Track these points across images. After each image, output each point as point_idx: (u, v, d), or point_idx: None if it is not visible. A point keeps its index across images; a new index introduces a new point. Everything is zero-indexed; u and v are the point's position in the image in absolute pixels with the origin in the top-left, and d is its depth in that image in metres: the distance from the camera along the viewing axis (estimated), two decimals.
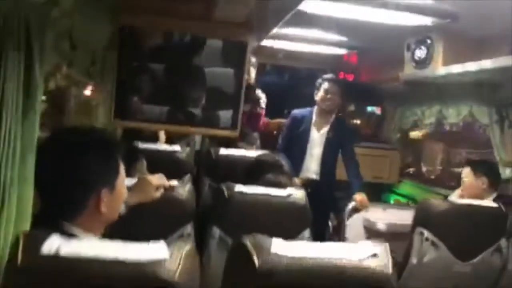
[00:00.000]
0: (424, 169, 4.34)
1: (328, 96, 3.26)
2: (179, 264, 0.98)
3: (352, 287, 1.02)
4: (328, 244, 1.10)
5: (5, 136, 1.06)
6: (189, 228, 1.87)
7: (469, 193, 2.58)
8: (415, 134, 4.23)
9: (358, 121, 4.77)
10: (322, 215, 3.28)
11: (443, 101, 3.51)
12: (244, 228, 1.79)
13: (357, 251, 1.07)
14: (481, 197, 2.44)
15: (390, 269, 1.04)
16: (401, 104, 4.18)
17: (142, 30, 1.98)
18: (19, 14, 1.08)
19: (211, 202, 1.96)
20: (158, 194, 1.65)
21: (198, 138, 3.46)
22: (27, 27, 1.11)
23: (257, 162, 2.08)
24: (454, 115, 3.42)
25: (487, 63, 2.26)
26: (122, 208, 1.54)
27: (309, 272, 1.02)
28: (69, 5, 1.37)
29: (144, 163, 2.13)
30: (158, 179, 1.66)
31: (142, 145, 2.53)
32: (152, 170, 2.17)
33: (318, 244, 1.10)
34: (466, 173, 2.65)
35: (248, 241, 1.07)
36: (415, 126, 4.02)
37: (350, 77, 4.31)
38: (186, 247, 1.03)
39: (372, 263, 1.04)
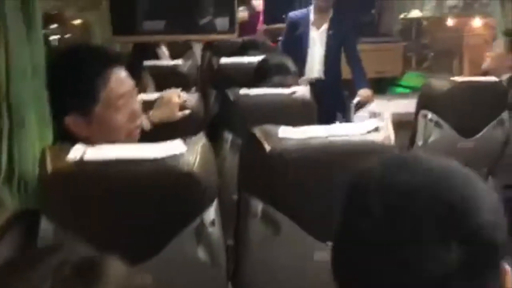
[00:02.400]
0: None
1: None
2: (196, 156, 1.05)
3: (357, 159, 1.09)
4: (333, 125, 1.17)
5: (14, 60, 1.10)
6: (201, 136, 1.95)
7: (496, 65, 2.53)
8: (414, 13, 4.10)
9: None
10: (329, 114, 3.34)
11: None
12: (252, 128, 1.89)
13: (360, 128, 1.13)
14: (504, 72, 2.43)
15: (391, 141, 1.11)
16: None
17: None
18: None
19: (218, 109, 2.01)
20: (180, 113, 1.68)
21: (198, 53, 3.45)
22: None
23: (262, 65, 2.10)
24: None
25: None
26: (146, 124, 1.58)
27: (315, 149, 1.09)
28: None
29: (149, 78, 2.16)
30: (177, 96, 1.68)
31: (146, 62, 2.55)
32: (157, 85, 2.22)
33: (323, 126, 1.16)
34: (500, 43, 2.58)
35: (257, 131, 1.13)
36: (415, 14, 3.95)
37: None
38: (201, 141, 1.11)
39: (375, 136, 1.11)
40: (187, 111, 1.73)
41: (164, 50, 3.08)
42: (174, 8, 2.06)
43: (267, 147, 1.08)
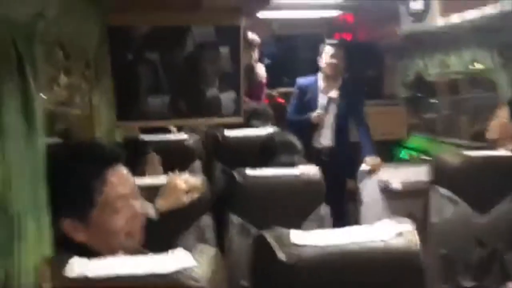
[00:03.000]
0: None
1: (333, 61, 3.22)
2: (207, 270, 0.98)
3: (380, 269, 1.02)
4: (349, 228, 1.10)
5: (11, 166, 1.05)
6: (207, 219, 1.88)
7: (500, 135, 2.48)
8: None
9: None
10: (339, 182, 3.30)
11: (445, 50, 3.44)
12: (261, 212, 1.82)
13: (380, 232, 1.06)
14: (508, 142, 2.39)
15: (417, 246, 1.04)
16: (402, 58, 4.12)
17: (131, 27, 1.94)
18: (4, 36, 1.05)
19: (224, 188, 1.96)
20: (188, 198, 1.64)
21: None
22: (15, 47, 1.08)
23: (269, 143, 2.07)
24: (457, 62, 3.36)
25: (486, 10, 2.20)
26: (152, 214, 1.56)
27: (334, 258, 1.02)
28: (55, 14, 1.33)
29: (155, 155, 2.12)
30: (184, 181, 1.65)
31: (149, 137, 2.51)
32: (163, 159, 2.17)
33: (338, 230, 1.09)
34: (503, 112, 2.54)
35: (268, 235, 1.06)
36: (419, 78, 3.96)
37: (348, 37, 4.24)
38: (210, 251, 1.03)
39: (399, 242, 1.04)
40: (195, 195, 1.68)
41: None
42: (177, 88, 2.04)
43: (281, 256, 1.01)
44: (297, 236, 1.04)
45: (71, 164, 1.14)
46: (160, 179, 1.73)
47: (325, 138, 3.32)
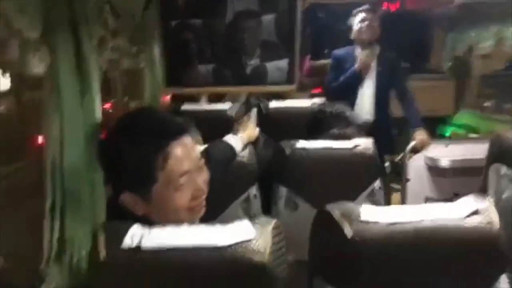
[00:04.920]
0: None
1: (365, 24, 3.06)
2: (268, 244, 0.92)
3: (456, 250, 0.94)
4: (422, 205, 1.02)
5: (67, 126, 1.01)
6: (254, 190, 1.83)
7: None
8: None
9: None
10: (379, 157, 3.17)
11: (501, 21, 3.24)
12: (312, 185, 1.75)
13: (456, 210, 0.97)
14: None
15: (497, 225, 0.95)
16: (452, 29, 3.91)
17: None
18: None
19: (272, 160, 1.88)
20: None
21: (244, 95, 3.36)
22: (69, 6, 1.02)
23: (321, 115, 1.97)
24: None
25: None
26: (238, 146, 1.72)
27: (406, 237, 0.94)
28: None
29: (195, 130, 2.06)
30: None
31: (188, 107, 2.46)
32: (202, 130, 2.12)
33: (409, 206, 1.01)
34: None
35: (334, 210, 0.99)
36: (470, 51, 3.76)
37: (396, 6, 4.05)
38: (272, 224, 0.97)
39: (477, 221, 0.95)
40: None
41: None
42: (226, 57, 1.96)
43: (349, 233, 0.93)
44: (366, 212, 0.97)
45: (132, 136, 1.06)
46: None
47: (364, 112, 3.18)
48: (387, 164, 3.50)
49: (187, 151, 1.08)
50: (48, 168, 1.00)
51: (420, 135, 2.89)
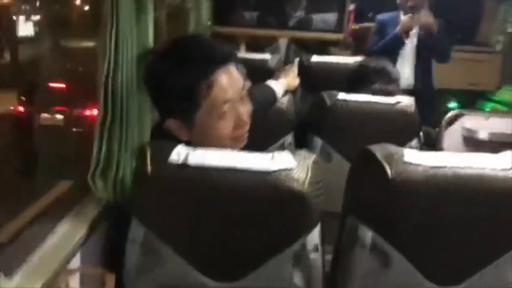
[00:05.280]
0: None
1: None
2: (307, 174, 0.94)
3: (497, 200, 0.93)
4: (467, 154, 1.01)
5: (122, 46, 1.03)
6: (290, 138, 1.85)
7: None
8: None
9: None
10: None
11: None
12: (348, 138, 1.75)
13: (501, 161, 0.97)
14: None
15: None
16: (505, 1, 3.75)
17: None
18: None
19: (311, 110, 1.88)
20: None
21: (283, 45, 3.33)
22: None
23: (362, 69, 1.94)
24: None
25: None
26: (279, 91, 1.73)
27: (447, 181, 0.94)
28: None
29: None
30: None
31: None
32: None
33: (455, 154, 1.01)
34: None
35: (378, 150, 0.99)
36: None
37: None
38: (312, 157, 0.99)
39: None
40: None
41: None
42: (270, 5, 1.94)
43: (390, 173, 0.94)
44: (409, 154, 0.97)
45: (177, 62, 1.06)
46: None
47: (405, 78, 3.12)
48: (421, 134, 3.46)
49: (231, 79, 1.08)
50: (101, 85, 1.03)
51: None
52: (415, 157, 0.96)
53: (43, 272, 0.84)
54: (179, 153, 0.95)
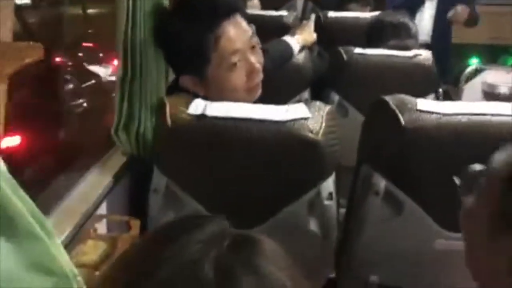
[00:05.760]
0: None
1: None
2: (321, 123, 0.96)
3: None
4: (478, 103, 1.02)
5: (136, 5, 1.05)
6: (306, 94, 1.86)
7: None
8: None
9: None
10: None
11: None
12: (365, 93, 1.75)
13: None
14: None
15: None
16: None
17: None
18: None
19: (328, 65, 1.88)
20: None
21: (300, 2, 3.29)
22: None
23: (379, 24, 1.91)
24: None
25: None
26: (296, 46, 1.70)
27: (459, 128, 0.95)
28: None
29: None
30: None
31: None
32: (259, 37, 2.11)
33: (469, 103, 1.02)
34: None
35: (391, 99, 1.01)
36: None
37: None
38: (326, 108, 1.01)
39: None
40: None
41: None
42: None
43: (403, 120, 0.96)
44: (422, 103, 0.99)
45: (183, 17, 1.08)
46: None
47: (424, 35, 3.06)
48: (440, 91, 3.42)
49: (238, 30, 1.09)
50: (120, 42, 1.06)
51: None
52: (428, 105, 0.98)
53: (72, 217, 0.90)
54: (197, 106, 0.98)
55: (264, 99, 1.23)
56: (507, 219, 0.56)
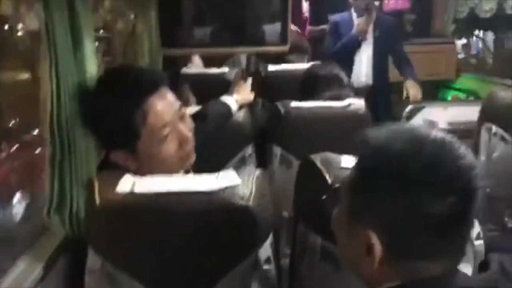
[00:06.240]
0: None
1: None
2: (251, 189, 0.98)
3: None
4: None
5: (62, 80, 1.05)
6: (250, 150, 1.89)
7: None
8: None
9: None
10: (377, 121, 3.20)
11: None
12: (305, 144, 1.79)
13: None
14: None
15: None
16: None
17: None
18: None
19: (268, 120, 1.93)
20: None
21: (243, 56, 3.38)
22: None
23: (313, 77, 1.99)
24: None
25: None
26: (234, 106, 1.75)
27: None
28: None
29: (189, 92, 2.11)
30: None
31: (186, 71, 2.47)
32: (200, 95, 2.14)
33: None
34: None
35: (317, 159, 1.04)
36: (472, 14, 3.73)
37: None
38: (256, 172, 1.03)
39: None
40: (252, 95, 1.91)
41: (196, 57, 3.01)
42: (222, 16, 1.98)
43: (329, 178, 0.99)
44: (346, 160, 1.02)
45: (110, 96, 1.06)
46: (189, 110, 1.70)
47: (363, 76, 3.20)
48: None
49: (166, 103, 1.09)
50: (46, 121, 1.06)
51: (414, 88, 2.94)
52: (351, 162, 1.01)
53: None
54: (125, 183, 0.97)
55: (208, 159, 1.24)
56: (355, 216, 0.73)
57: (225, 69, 2.57)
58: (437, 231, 0.68)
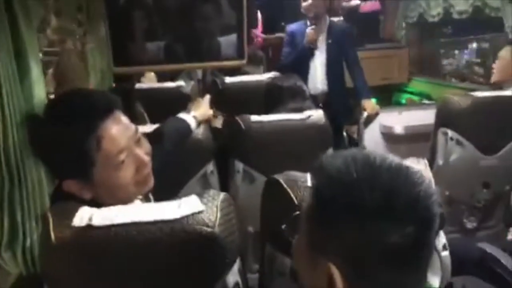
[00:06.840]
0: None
1: (309, 1, 3.10)
2: (216, 215, 0.94)
3: None
4: None
5: (8, 109, 0.99)
6: (211, 166, 1.85)
7: (502, 77, 2.43)
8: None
9: None
10: (337, 128, 3.24)
11: None
12: (267, 157, 1.78)
13: None
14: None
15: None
16: None
17: None
18: None
19: (228, 135, 1.90)
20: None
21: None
22: None
23: (277, 89, 1.98)
24: (462, 2, 3.24)
25: None
26: (192, 123, 1.71)
27: None
28: None
29: (141, 110, 2.06)
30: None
31: (140, 86, 2.41)
32: (156, 111, 2.08)
33: None
34: (506, 53, 2.45)
35: (282, 178, 1.02)
36: (421, 18, 3.84)
37: None
38: (221, 195, 0.99)
39: None
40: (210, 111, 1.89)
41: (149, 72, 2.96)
42: (176, 32, 1.94)
43: (295, 200, 0.97)
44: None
45: (60, 123, 0.99)
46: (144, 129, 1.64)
47: (319, 83, 3.24)
48: (345, 134, 3.59)
49: (120, 127, 1.04)
50: None
51: (369, 105, 3.00)
52: None
53: None
54: (82, 216, 0.92)
55: (169, 178, 1.19)
56: (314, 247, 0.71)
57: (181, 83, 2.53)
58: (397, 261, 0.66)
